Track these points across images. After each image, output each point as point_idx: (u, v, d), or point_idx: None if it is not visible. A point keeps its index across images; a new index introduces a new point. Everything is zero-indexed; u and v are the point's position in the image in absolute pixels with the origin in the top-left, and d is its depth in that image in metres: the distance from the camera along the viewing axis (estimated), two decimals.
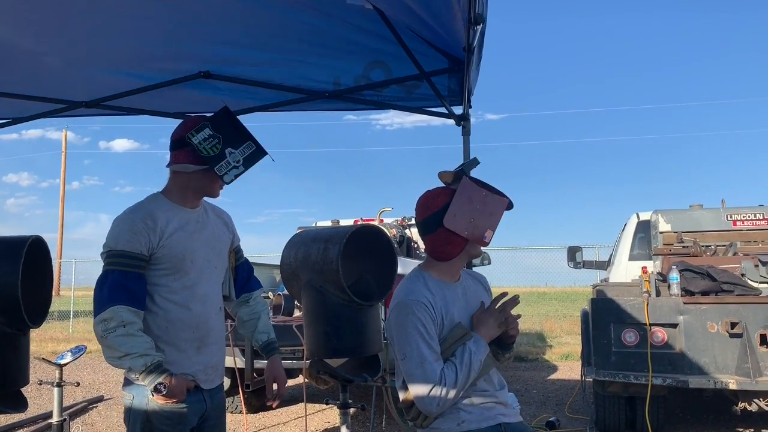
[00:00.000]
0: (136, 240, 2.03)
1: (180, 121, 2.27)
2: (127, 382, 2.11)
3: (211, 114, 2.20)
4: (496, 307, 2.01)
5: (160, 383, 1.97)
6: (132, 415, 2.09)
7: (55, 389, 3.60)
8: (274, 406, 2.55)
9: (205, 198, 2.29)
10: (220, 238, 2.33)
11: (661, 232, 5.89)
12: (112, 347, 1.96)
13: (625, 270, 6.85)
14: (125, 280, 2.01)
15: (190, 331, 2.15)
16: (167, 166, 2.21)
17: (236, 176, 2.16)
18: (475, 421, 1.95)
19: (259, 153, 2.20)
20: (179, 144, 2.16)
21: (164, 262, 2.09)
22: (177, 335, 2.12)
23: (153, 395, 2.01)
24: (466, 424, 1.95)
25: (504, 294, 2.03)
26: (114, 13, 2.87)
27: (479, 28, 2.61)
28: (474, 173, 2.23)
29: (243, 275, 2.48)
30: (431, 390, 1.88)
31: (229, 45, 3.30)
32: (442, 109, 3.65)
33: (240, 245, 2.47)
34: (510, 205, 2.04)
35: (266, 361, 2.43)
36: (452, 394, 1.90)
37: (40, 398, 6.81)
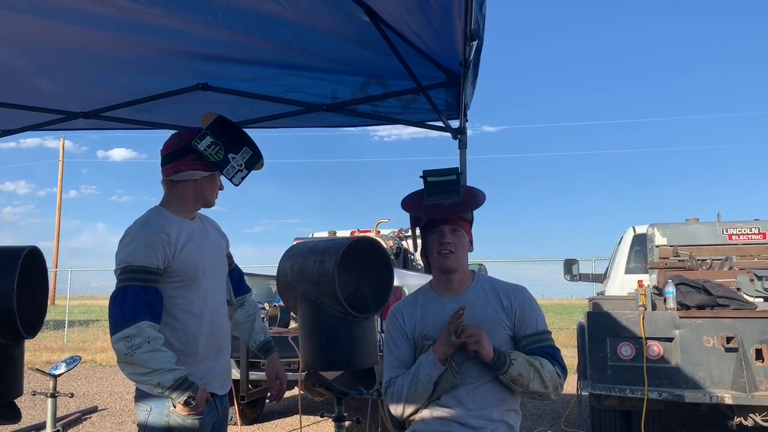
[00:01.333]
0: (152, 255, 2.04)
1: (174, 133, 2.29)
2: (143, 395, 2.09)
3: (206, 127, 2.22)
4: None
5: (190, 396, 1.98)
6: (149, 428, 2.07)
7: (49, 400, 3.59)
8: (277, 402, 2.59)
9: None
10: (220, 245, 2.37)
11: (657, 246, 5.90)
12: (138, 364, 1.93)
13: (621, 283, 6.86)
14: (145, 296, 2.00)
15: (208, 341, 2.18)
16: (166, 178, 2.22)
17: (242, 179, 2.22)
18: None
19: (256, 157, 2.25)
20: (181, 153, 2.18)
21: (180, 274, 2.11)
22: (197, 346, 2.14)
23: (175, 407, 2.01)
24: None
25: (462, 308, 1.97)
26: (113, 27, 2.89)
27: (475, 44, 2.64)
28: (471, 183, 2.25)
29: (236, 278, 2.53)
30: (385, 392, 2.07)
31: (228, 58, 3.31)
32: (439, 123, 3.66)
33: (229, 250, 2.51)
34: (473, 203, 2.12)
35: (266, 360, 2.48)
36: (399, 400, 2.02)
37: (34, 408, 6.77)
